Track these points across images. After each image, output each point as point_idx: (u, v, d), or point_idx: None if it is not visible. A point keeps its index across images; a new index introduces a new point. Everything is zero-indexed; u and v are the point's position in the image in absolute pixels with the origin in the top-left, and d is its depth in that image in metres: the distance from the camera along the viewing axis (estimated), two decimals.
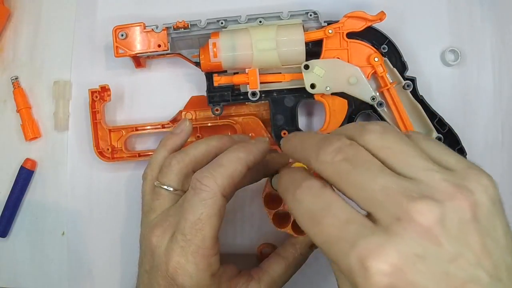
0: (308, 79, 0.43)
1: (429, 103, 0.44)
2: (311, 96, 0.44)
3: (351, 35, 0.44)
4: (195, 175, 0.34)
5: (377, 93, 0.44)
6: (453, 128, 0.44)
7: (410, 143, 0.26)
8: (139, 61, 0.48)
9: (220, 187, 0.33)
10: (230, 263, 0.38)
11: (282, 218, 0.43)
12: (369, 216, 0.24)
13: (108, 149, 0.46)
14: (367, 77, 0.44)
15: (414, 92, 0.44)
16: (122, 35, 0.44)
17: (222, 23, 0.44)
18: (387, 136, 0.26)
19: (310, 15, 0.44)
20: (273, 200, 0.43)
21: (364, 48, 0.44)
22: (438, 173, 0.24)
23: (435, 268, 0.22)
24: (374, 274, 0.22)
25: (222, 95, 0.45)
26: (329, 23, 0.44)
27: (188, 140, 0.47)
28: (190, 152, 0.37)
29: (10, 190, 0.48)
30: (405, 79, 0.44)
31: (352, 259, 0.23)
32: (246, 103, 0.46)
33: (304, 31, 0.43)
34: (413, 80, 0.44)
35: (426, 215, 0.22)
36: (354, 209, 0.25)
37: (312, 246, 0.40)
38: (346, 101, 0.44)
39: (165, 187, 0.37)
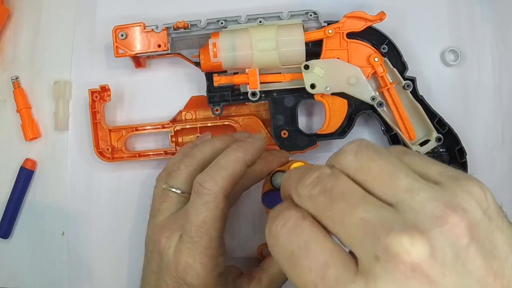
0: (308, 79, 0.43)
1: (429, 103, 0.44)
2: (311, 96, 0.44)
3: (351, 35, 0.44)
4: (197, 179, 0.35)
5: (377, 93, 0.44)
6: (453, 128, 0.44)
7: (388, 157, 0.23)
8: (139, 61, 0.48)
9: (221, 188, 0.34)
10: (233, 264, 0.39)
11: None
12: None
13: (108, 149, 0.46)
14: (367, 77, 0.44)
15: (414, 92, 0.44)
16: (122, 35, 0.44)
17: (222, 23, 0.44)
18: (362, 155, 0.23)
19: (310, 15, 0.44)
20: (272, 198, 0.42)
21: (364, 48, 0.44)
22: (423, 191, 0.21)
23: None
24: None
25: (222, 95, 0.45)
26: (329, 23, 0.44)
27: (187, 139, 0.47)
28: (197, 156, 0.39)
29: (10, 190, 0.48)
30: (405, 79, 0.44)
31: None
32: (246, 103, 0.46)
33: (304, 31, 0.43)
34: (413, 80, 0.44)
35: (410, 250, 0.19)
36: (336, 246, 0.22)
37: None
38: (346, 101, 0.44)
39: (174, 189, 0.38)
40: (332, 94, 0.44)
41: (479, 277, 0.20)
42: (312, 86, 0.43)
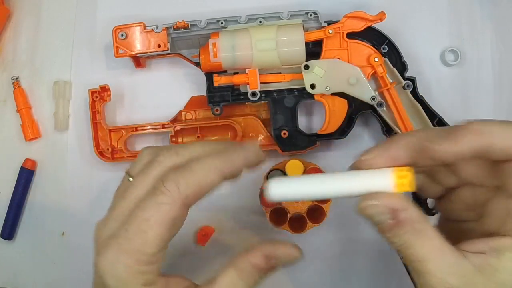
0: (308, 79, 0.43)
1: (429, 103, 0.44)
2: (311, 96, 0.44)
3: (351, 35, 0.44)
4: (162, 174, 0.30)
5: (377, 93, 0.44)
6: None
7: None
8: (139, 61, 0.48)
9: (181, 195, 0.28)
10: (178, 276, 0.33)
11: (280, 216, 0.43)
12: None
13: (108, 149, 0.46)
14: (367, 77, 0.44)
15: (414, 92, 0.44)
16: (122, 35, 0.44)
17: (222, 23, 0.44)
18: None
19: (310, 15, 0.44)
20: None
21: (364, 48, 0.44)
22: None
23: None
24: None
25: (222, 95, 0.45)
26: (329, 23, 0.44)
27: (187, 139, 0.47)
28: (180, 153, 0.32)
29: (10, 190, 0.48)
30: (405, 79, 0.44)
31: None
32: (246, 103, 0.46)
33: (304, 31, 0.43)
34: (413, 80, 0.44)
35: None
36: None
37: (269, 258, 0.34)
38: (346, 101, 0.44)
39: (130, 179, 0.32)
40: (332, 94, 0.44)
41: None
42: (312, 86, 0.43)
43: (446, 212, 0.31)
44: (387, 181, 0.27)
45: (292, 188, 0.28)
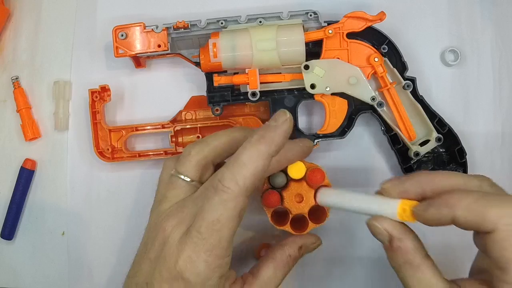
0: (308, 79, 0.43)
1: (429, 103, 0.44)
2: (311, 96, 0.44)
3: (351, 35, 0.44)
4: (217, 175, 0.33)
5: (377, 93, 0.44)
6: (453, 128, 0.45)
7: None
8: (139, 61, 0.48)
9: (242, 188, 0.32)
10: (231, 269, 0.37)
11: (281, 216, 0.43)
12: None
13: (108, 149, 0.46)
14: (367, 77, 0.44)
15: (414, 92, 0.44)
16: (122, 35, 0.44)
17: (222, 23, 0.44)
18: None
19: (310, 15, 0.44)
20: (271, 198, 0.42)
21: (364, 48, 0.44)
22: None
23: None
24: None
25: (222, 95, 0.45)
26: (329, 23, 0.44)
27: (187, 139, 0.47)
28: (210, 143, 0.36)
29: (10, 190, 0.48)
30: (405, 79, 0.44)
31: None
32: (246, 103, 0.46)
33: (304, 31, 0.43)
34: (413, 80, 0.44)
35: None
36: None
37: (301, 248, 0.40)
38: (346, 101, 0.44)
39: (182, 177, 0.36)
40: (332, 94, 0.44)
41: None
42: (312, 86, 0.43)
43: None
44: (393, 209, 0.32)
45: (332, 198, 0.38)
